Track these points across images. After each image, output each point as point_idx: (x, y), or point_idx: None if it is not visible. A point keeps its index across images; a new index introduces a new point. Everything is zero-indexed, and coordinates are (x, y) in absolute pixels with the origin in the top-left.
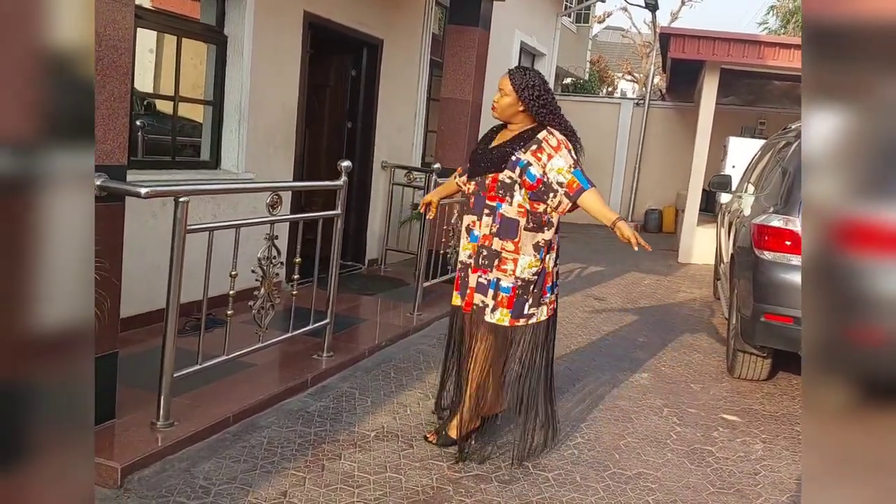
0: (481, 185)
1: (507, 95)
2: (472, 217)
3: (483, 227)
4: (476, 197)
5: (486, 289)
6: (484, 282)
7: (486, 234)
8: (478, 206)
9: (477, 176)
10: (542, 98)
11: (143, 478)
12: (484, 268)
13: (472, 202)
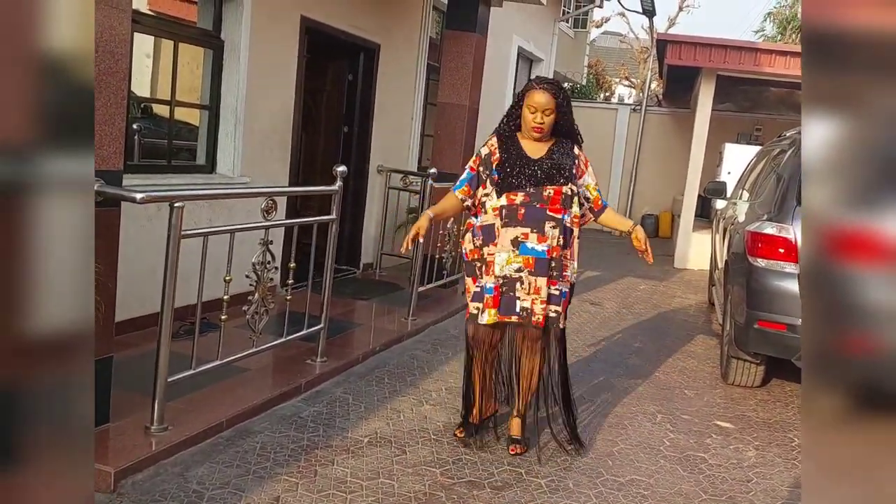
0: (536, 196)
1: (552, 113)
2: (524, 229)
3: (550, 240)
4: (528, 208)
5: (559, 298)
6: (556, 292)
7: (554, 246)
8: (532, 218)
9: (529, 187)
10: (572, 110)
11: (136, 482)
12: (555, 279)
13: (520, 214)
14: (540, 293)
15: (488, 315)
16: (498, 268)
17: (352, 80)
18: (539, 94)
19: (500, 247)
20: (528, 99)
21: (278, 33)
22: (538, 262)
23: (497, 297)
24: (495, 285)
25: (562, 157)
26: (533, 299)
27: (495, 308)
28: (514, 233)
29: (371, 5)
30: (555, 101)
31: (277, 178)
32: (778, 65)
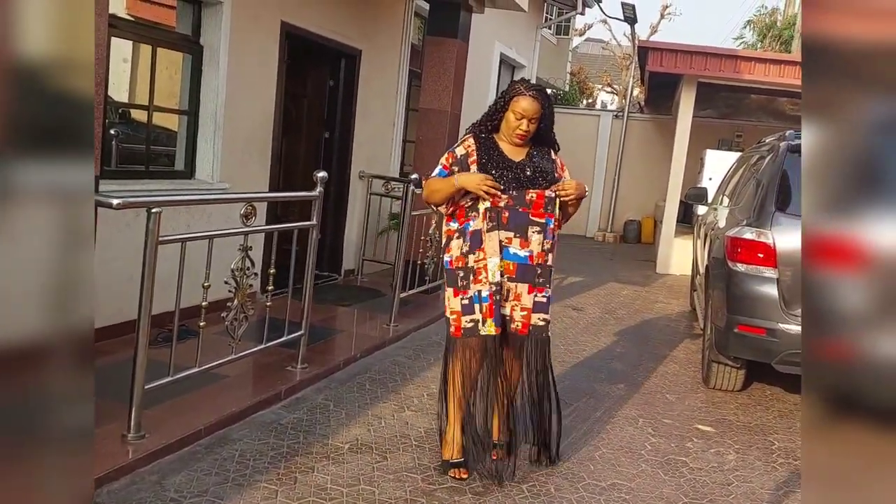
0: (519, 200)
1: (537, 122)
2: (507, 233)
3: (534, 245)
4: (512, 212)
5: (545, 306)
6: (543, 300)
7: (539, 252)
8: (516, 222)
9: (511, 190)
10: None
11: (112, 491)
12: (541, 286)
13: (504, 217)
14: (520, 300)
15: (488, 326)
16: (490, 274)
17: (333, 85)
18: (527, 101)
19: (489, 251)
20: (514, 104)
21: (258, 38)
22: (520, 267)
23: (492, 305)
24: (490, 292)
25: (542, 160)
26: (512, 306)
27: (492, 318)
28: (498, 237)
29: (352, 11)
30: (542, 110)
31: (257, 184)
32: (757, 72)
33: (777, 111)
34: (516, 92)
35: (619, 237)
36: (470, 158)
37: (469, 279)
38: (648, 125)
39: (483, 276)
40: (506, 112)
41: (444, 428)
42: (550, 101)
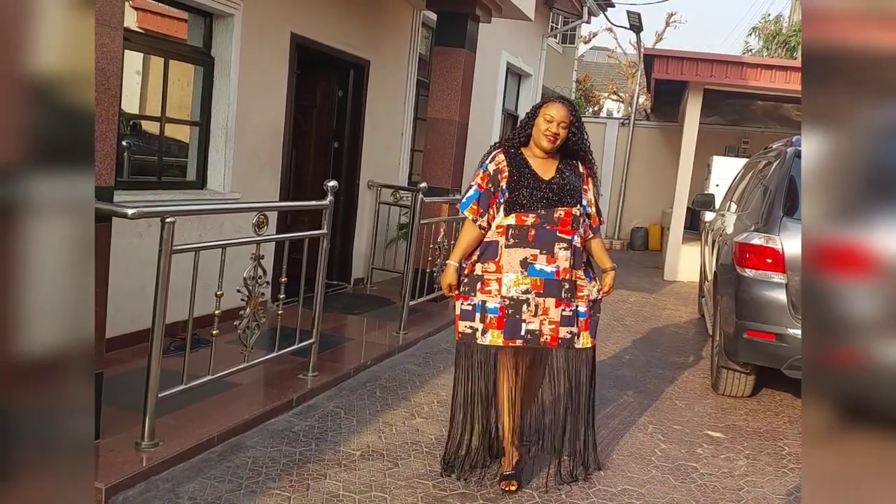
0: (547, 218)
1: (566, 128)
2: (533, 251)
3: (562, 261)
4: (539, 230)
5: (573, 319)
6: (570, 313)
7: (566, 268)
8: (542, 240)
9: (540, 209)
10: (586, 133)
11: (127, 498)
12: (567, 301)
13: (531, 235)
14: (548, 314)
15: (492, 336)
16: (505, 288)
17: (342, 96)
18: (555, 106)
19: (507, 267)
20: (544, 110)
21: (268, 50)
22: (547, 283)
23: (502, 318)
24: (500, 306)
25: (571, 176)
26: (541, 321)
27: (500, 330)
28: (522, 254)
29: (361, 22)
30: (570, 116)
31: (268, 194)
32: (763, 78)
33: (783, 117)
34: (545, 100)
35: (626, 244)
36: (501, 175)
37: (474, 286)
38: (655, 132)
39: (492, 287)
40: (536, 120)
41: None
42: (578, 114)
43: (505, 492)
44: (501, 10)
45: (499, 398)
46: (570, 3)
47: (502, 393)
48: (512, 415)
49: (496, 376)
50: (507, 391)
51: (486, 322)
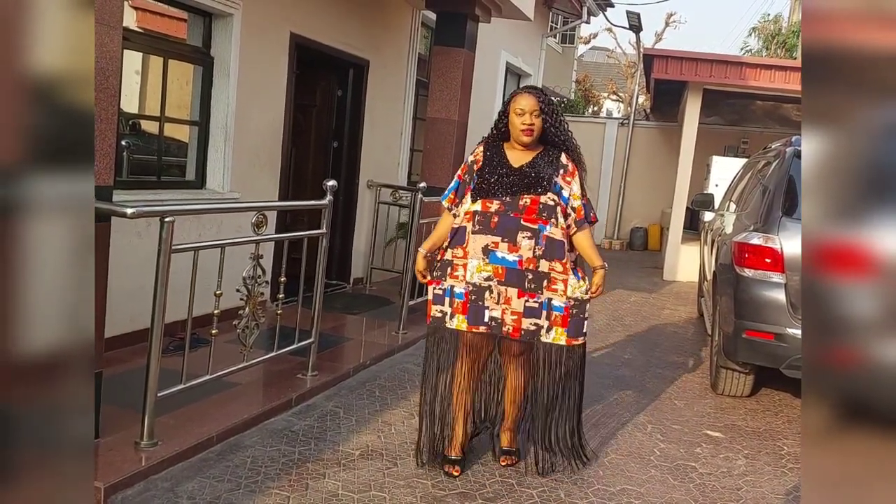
0: (511, 205)
1: (539, 116)
2: (495, 238)
3: (525, 251)
4: (502, 217)
5: (538, 311)
6: (535, 305)
7: (529, 258)
8: (504, 227)
9: (504, 196)
10: (563, 120)
11: (126, 498)
12: (532, 291)
13: (493, 222)
14: (510, 303)
15: (457, 320)
16: (469, 274)
17: (341, 95)
18: (522, 97)
19: (472, 253)
20: (513, 104)
21: (268, 49)
22: (509, 272)
23: (466, 303)
24: (465, 291)
25: (545, 165)
26: (503, 309)
27: (464, 315)
28: (484, 240)
29: (360, 22)
30: (539, 104)
31: (267, 194)
32: (763, 78)
33: (783, 117)
34: (513, 94)
35: (625, 244)
36: (476, 165)
37: (445, 271)
38: (654, 132)
39: (460, 273)
40: (509, 116)
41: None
42: (548, 99)
43: (448, 475)
44: (501, 10)
45: (454, 379)
46: (569, 3)
47: (457, 378)
48: (464, 400)
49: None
50: (460, 377)
51: (454, 307)
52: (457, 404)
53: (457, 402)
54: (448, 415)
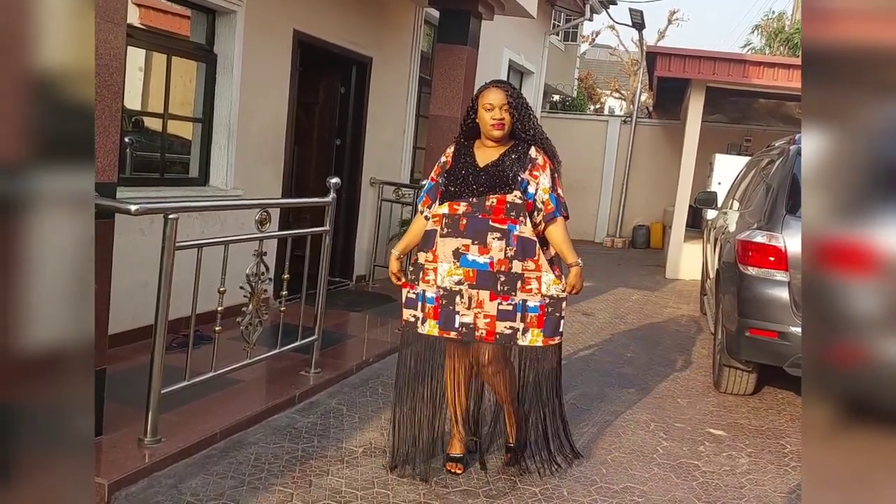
0: (478, 206)
1: (508, 110)
2: (465, 240)
3: (496, 252)
4: (470, 219)
5: (512, 314)
6: (509, 308)
7: (500, 259)
8: (474, 229)
9: (470, 196)
10: (532, 114)
11: (130, 494)
12: (505, 294)
13: (462, 224)
14: (483, 307)
15: (429, 325)
16: (439, 278)
17: (344, 93)
18: (491, 91)
19: (441, 257)
20: (482, 99)
21: (271, 47)
22: (480, 274)
23: (437, 308)
24: (436, 296)
25: (511, 162)
26: (475, 313)
27: (435, 320)
28: (454, 244)
29: (363, 19)
30: (507, 98)
31: (270, 191)
32: (766, 76)
33: (786, 115)
34: (480, 89)
35: (627, 242)
36: (447, 166)
37: (418, 275)
38: (657, 130)
39: (431, 277)
40: (478, 112)
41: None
42: (517, 92)
43: (450, 472)
44: (504, 8)
45: (444, 384)
46: (572, 1)
47: (447, 379)
48: (457, 401)
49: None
50: (450, 378)
51: (425, 311)
52: (452, 403)
53: (452, 400)
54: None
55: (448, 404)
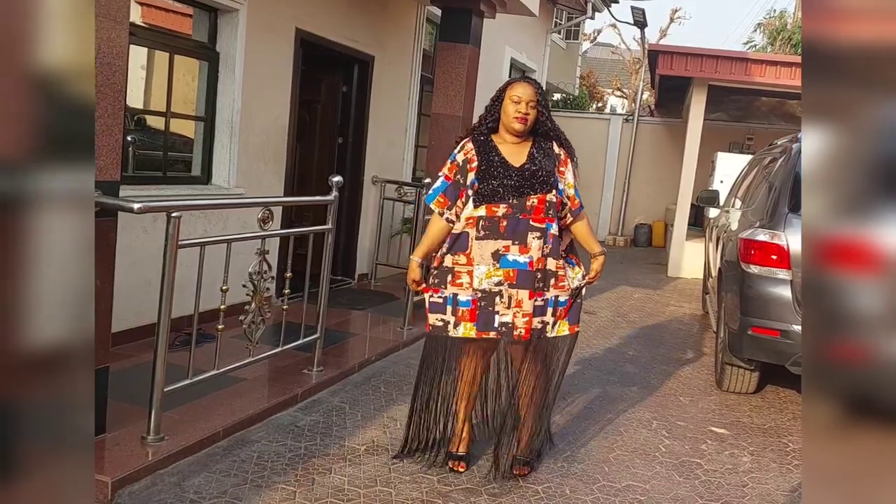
0: (519, 207)
1: (535, 107)
2: (505, 242)
3: (535, 251)
4: (511, 220)
5: (544, 309)
6: (541, 304)
7: (539, 258)
8: (515, 230)
9: (511, 198)
10: (551, 116)
11: (133, 492)
12: (540, 290)
13: (502, 226)
14: (522, 306)
15: (464, 328)
16: (476, 281)
17: (346, 91)
18: (521, 85)
19: (478, 259)
20: (510, 91)
21: (273, 45)
22: (520, 274)
23: (474, 310)
24: (472, 298)
25: (543, 160)
26: (514, 313)
27: (472, 322)
28: (493, 245)
29: (365, 18)
30: (536, 95)
31: (272, 190)
32: (768, 75)
33: (788, 113)
34: (509, 81)
35: (629, 241)
36: (470, 165)
37: (444, 279)
38: (659, 129)
39: (463, 280)
40: (503, 103)
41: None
42: (544, 91)
43: (453, 471)
44: (506, 6)
45: (460, 382)
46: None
47: (464, 376)
48: (468, 401)
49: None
50: (465, 377)
51: (458, 315)
52: (461, 402)
53: (461, 399)
54: (442, 419)
55: (458, 401)
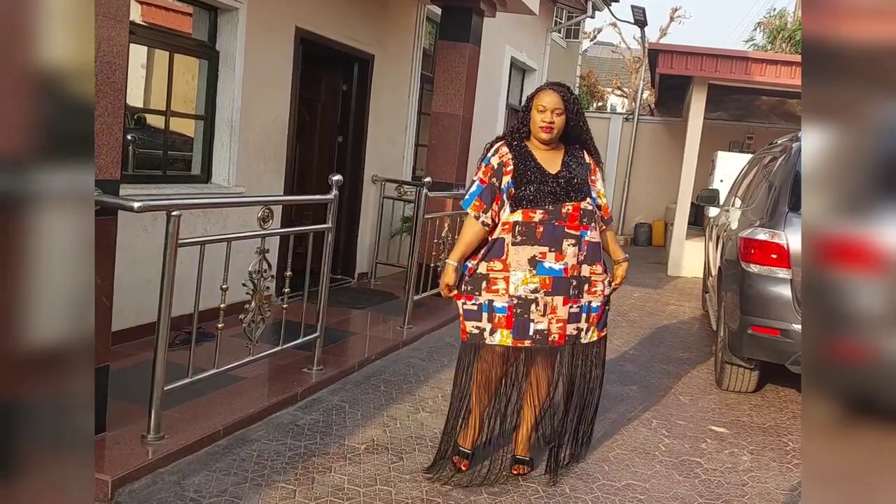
0: (555, 213)
1: (562, 114)
2: (542, 248)
3: (569, 258)
4: (547, 226)
5: (579, 315)
6: (577, 310)
7: (574, 265)
8: (551, 237)
9: (547, 205)
10: (584, 117)
11: (133, 491)
12: (574, 297)
13: (539, 232)
14: (556, 313)
15: (500, 336)
16: (513, 287)
17: (346, 90)
18: (547, 94)
19: (514, 265)
20: (536, 100)
21: (273, 44)
22: (556, 281)
23: (510, 317)
24: (508, 305)
25: (577, 168)
26: (549, 320)
27: (509, 329)
28: (530, 251)
29: (365, 16)
30: (563, 102)
31: (272, 189)
32: (769, 74)
33: (788, 113)
34: (536, 90)
35: (629, 240)
36: (505, 168)
37: (479, 285)
38: (659, 128)
39: (499, 286)
40: (530, 112)
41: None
42: (574, 97)
43: (455, 467)
44: (506, 5)
45: (476, 383)
46: None
47: (476, 376)
48: (483, 398)
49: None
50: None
51: (495, 322)
52: (476, 400)
53: (477, 398)
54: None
55: (473, 399)
